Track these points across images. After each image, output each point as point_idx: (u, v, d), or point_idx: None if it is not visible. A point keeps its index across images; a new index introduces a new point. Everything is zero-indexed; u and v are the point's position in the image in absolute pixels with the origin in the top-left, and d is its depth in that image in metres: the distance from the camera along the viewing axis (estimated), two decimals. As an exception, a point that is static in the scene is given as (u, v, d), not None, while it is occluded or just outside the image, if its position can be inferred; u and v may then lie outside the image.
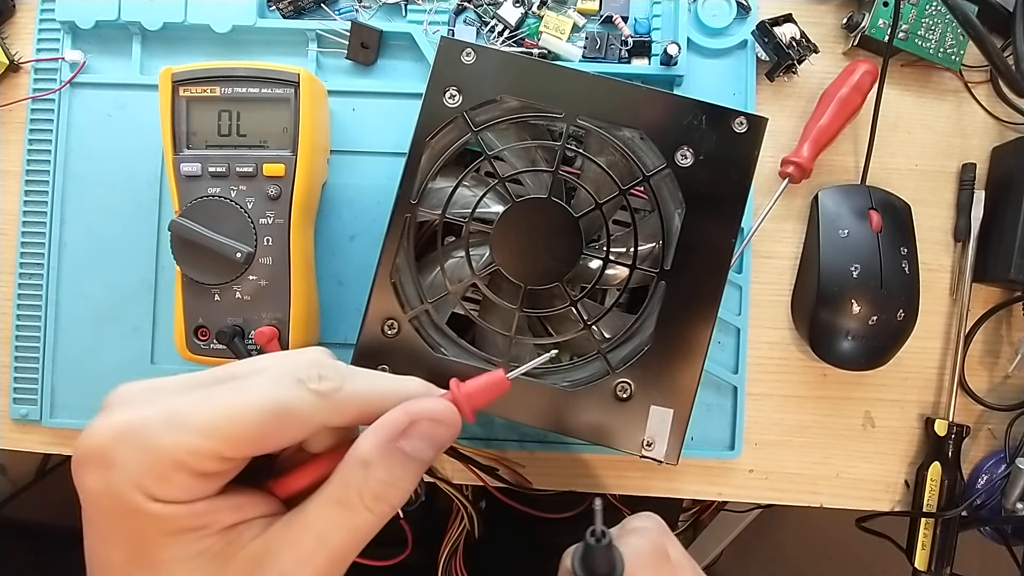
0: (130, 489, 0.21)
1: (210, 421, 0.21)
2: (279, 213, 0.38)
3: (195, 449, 0.21)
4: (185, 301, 0.38)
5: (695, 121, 0.35)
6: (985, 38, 0.37)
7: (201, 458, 0.21)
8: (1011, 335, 0.45)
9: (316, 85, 0.39)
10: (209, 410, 0.22)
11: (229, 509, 0.22)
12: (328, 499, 0.23)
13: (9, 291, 0.44)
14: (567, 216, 0.35)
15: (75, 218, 0.44)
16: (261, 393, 0.22)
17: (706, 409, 0.43)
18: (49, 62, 0.44)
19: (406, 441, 0.24)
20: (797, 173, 0.42)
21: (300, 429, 0.23)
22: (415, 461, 0.24)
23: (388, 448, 0.23)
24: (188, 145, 0.38)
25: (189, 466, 0.21)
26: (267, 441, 0.22)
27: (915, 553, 0.43)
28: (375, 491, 0.23)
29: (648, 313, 0.36)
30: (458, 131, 0.37)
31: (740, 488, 0.44)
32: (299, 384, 0.22)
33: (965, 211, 0.44)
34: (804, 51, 0.43)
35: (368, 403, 0.24)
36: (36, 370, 0.43)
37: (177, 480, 0.21)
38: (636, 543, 0.28)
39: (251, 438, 0.22)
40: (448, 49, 0.36)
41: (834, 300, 0.41)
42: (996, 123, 0.46)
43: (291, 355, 0.24)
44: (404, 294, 0.37)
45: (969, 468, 0.44)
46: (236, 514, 0.23)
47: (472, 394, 0.26)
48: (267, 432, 0.22)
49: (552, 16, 0.43)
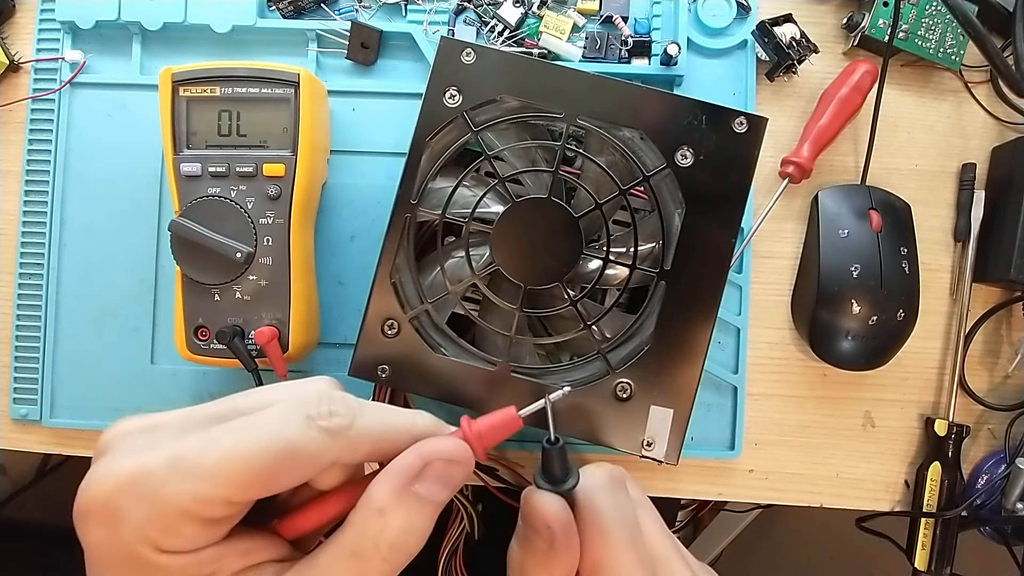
0: (136, 542, 0.20)
1: (215, 466, 0.20)
2: (279, 213, 0.38)
3: (202, 496, 0.20)
4: (185, 301, 0.38)
5: (695, 121, 0.35)
6: (985, 38, 0.37)
7: (208, 505, 0.20)
8: (1011, 335, 0.45)
9: (316, 85, 0.39)
10: (215, 453, 0.21)
11: (236, 555, 0.22)
12: (342, 549, 0.22)
13: (9, 291, 0.44)
14: (567, 216, 0.35)
15: (75, 218, 0.44)
16: (269, 433, 0.21)
17: (706, 409, 0.43)
18: (49, 62, 0.44)
19: (420, 484, 0.23)
20: (797, 173, 0.42)
21: (309, 468, 0.22)
22: (430, 504, 0.23)
23: (403, 494, 0.22)
24: (188, 145, 0.38)
25: (196, 514, 0.20)
26: (276, 483, 0.21)
27: (915, 553, 0.43)
28: (391, 540, 0.22)
29: (648, 313, 0.36)
30: (458, 131, 0.37)
31: (740, 488, 0.44)
32: (308, 421, 0.22)
33: (965, 211, 0.44)
34: (804, 51, 0.43)
35: (380, 440, 0.23)
36: (36, 370, 0.43)
37: (184, 530, 0.20)
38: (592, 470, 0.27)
39: (259, 481, 0.21)
40: (448, 49, 0.36)
41: (834, 300, 0.41)
42: (996, 123, 0.46)
43: (298, 387, 0.24)
44: (404, 294, 0.37)
45: (969, 468, 0.44)
46: (243, 559, 0.22)
47: (483, 433, 0.25)
48: (276, 474, 0.21)
49: (552, 16, 0.43)
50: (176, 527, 0.20)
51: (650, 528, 0.27)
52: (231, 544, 0.22)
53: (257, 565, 0.22)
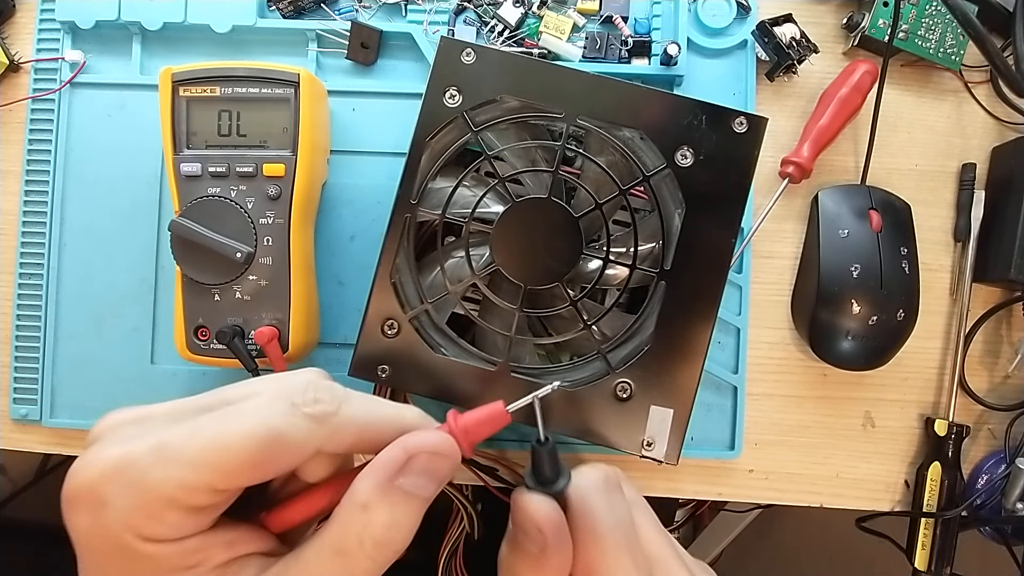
0: (121, 530, 0.20)
1: (200, 453, 0.20)
2: (279, 213, 0.38)
3: (186, 483, 0.20)
4: (185, 301, 0.38)
5: (695, 121, 0.35)
6: (985, 38, 0.37)
7: (193, 492, 0.20)
8: (1011, 335, 0.45)
9: (316, 85, 0.39)
10: (199, 441, 0.21)
11: (222, 545, 0.22)
12: (326, 546, 0.21)
13: (9, 291, 0.44)
14: (567, 216, 0.35)
15: (75, 218, 0.44)
16: (253, 419, 0.21)
17: (706, 409, 0.43)
18: (49, 62, 0.44)
19: (405, 478, 0.22)
20: (797, 173, 0.42)
21: (295, 456, 0.22)
22: (416, 499, 0.22)
23: (387, 488, 0.22)
24: (188, 145, 0.38)
25: (180, 501, 0.20)
26: (261, 470, 0.21)
27: (915, 553, 0.43)
28: (376, 536, 0.21)
29: (648, 313, 0.36)
30: (458, 131, 0.37)
31: (740, 488, 0.44)
32: (293, 408, 0.21)
33: (965, 211, 0.44)
34: (804, 51, 0.43)
35: (365, 429, 0.23)
36: (36, 370, 0.43)
37: (168, 518, 0.20)
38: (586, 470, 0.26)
39: (244, 468, 0.21)
40: (448, 49, 0.36)
41: (834, 300, 0.41)
42: (996, 123, 0.46)
43: (285, 377, 0.23)
44: (404, 294, 0.37)
45: (969, 468, 0.44)
46: (229, 551, 0.22)
47: (470, 428, 0.24)
48: (260, 460, 0.21)
49: (552, 16, 0.43)
50: (160, 515, 0.20)
51: (646, 529, 0.26)
52: (216, 535, 0.22)
53: (242, 557, 0.22)
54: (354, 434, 0.23)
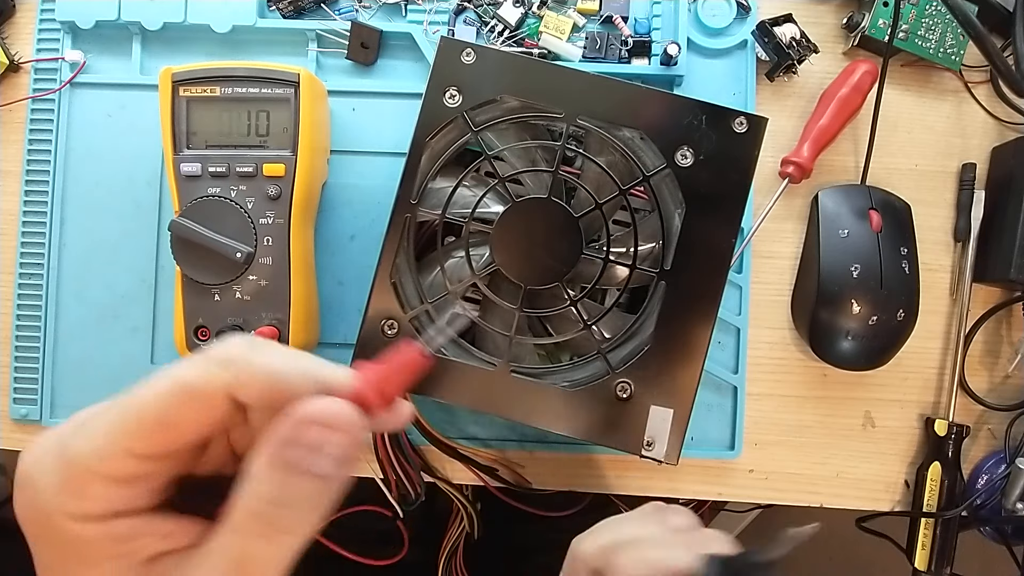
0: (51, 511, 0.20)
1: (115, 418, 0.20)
2: (279, 213, 0.38)
3: (101, 450, 0.19)
4: (185, 301, 0.38)
5: (695, 121, 0.35)
6: (985, 38, 0.37)
7: (111, 460, 0.20)
8: (1011, 335, 0.45)
9: (316, 85, 0.39)
10: (115, 408, 0.20)
11: (155, 535, 0.21)
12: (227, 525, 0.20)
13: (9, 291, 0.44)
14: (567, 216, 0.35)
15: (75, 218, 0.44)
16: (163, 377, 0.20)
17: (706, 409, 0.43)
18: (49, 62, 0.44)
19: (293, 451, 0.20)
20: (797, 173, 0.42)
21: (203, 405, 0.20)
22: (310, 477, 0.19)
23: (274, 461, 0.20)
24: (188, 145, 0.38)
25: (100, 471, 0.20)
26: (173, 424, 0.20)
27: (915, 553, 0.43)
28: (264, 515, 0.19)
29: (648, 313, 0.36)
30: (458, 131, 0.37)
31: (740, 488, 0.44)
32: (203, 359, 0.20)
33: (965, 211, 0.44)
34: (804, 51, 0.43)
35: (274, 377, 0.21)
36: (36, 370, 0.43)
37: (91, 490, 0.20)
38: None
39: (153, 424, 0.20)
40: (448, 49, 0.36)
41: (834, 300, 0.41)
42: (996, 123, 0.46)
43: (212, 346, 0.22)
44: (404, 294, 0.37)
45: (969, 468, 0.44)
46: (163, 542, 0.21)
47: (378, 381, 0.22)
48: (169, 412, 0.20)
49: (552, 16, 0.43)
50: (82, 488, 0.20)
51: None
52: (152, 523, 0.21)
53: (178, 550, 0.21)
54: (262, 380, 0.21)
